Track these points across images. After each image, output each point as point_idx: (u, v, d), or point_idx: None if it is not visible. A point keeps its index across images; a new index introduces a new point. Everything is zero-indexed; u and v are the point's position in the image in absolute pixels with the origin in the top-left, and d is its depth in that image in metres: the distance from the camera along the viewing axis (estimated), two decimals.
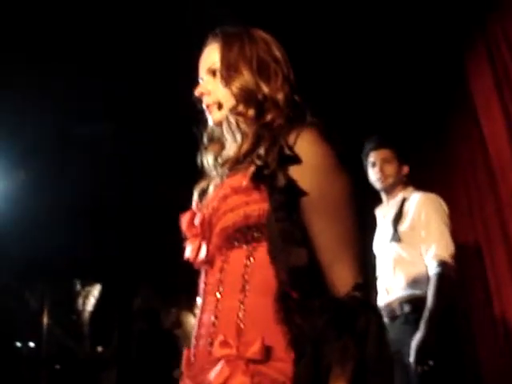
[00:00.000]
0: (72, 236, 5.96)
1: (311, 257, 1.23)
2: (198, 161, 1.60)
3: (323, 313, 1.16)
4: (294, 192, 1.26)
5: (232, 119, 1.46)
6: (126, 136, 5.21)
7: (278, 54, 1.53)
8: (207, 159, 1.57)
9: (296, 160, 1.28)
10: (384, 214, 3.37)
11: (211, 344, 1.27)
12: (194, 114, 1.61)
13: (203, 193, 1.55)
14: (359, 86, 4.44)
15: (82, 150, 5.32)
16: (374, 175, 3.35)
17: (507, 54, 3.51)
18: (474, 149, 4.08)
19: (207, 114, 1.55)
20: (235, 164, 1.41)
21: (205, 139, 1.60)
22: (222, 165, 1.45)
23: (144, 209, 6.01)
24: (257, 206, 1.30)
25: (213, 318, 1.30)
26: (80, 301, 7.28)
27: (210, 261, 1.38)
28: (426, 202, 3.17)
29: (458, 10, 3.91)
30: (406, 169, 3.35)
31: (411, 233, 3.13)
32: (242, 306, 1.26)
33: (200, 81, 1.58)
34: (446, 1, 3.88)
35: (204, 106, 1.55)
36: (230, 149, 1.46)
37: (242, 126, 1.44)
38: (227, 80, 1.48)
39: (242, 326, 1.25)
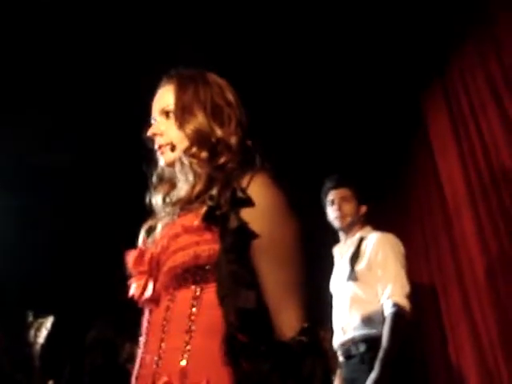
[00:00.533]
0: (26, 266, 5.86)
1: (259, 300, 1.23)
2: (147, 200, 1.60)
3: (269, 357, 1.15)
4: (245, 234, 1.27)
5: (185, 160, 1.46)
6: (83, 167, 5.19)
7: (231, 98, 1.55)
8: (156, 199, 1.57)
9: (248, 203, 1.29)
10: (341, 252, 3.39)
11: None
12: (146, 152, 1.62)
13: (150, 231, 1.54)
14: (321, 127, 4.49)
15: (38, 178, 5.27)
16: (332, 214, 3.38)
17: (464, 98, 3.59)
18: (431, 190, 4.15)
19: (159, 154, 1.55)
20: (186, 204, 1.41)
21: (154, 179, 1.60)
22: (174, 204, 1.45)
23: (102, 240, 5.95)
24: (207, 246, 1.30)
25: (156, 358, 1.28)
26: (32, 332, 7.08)
27: (155, 299, 1.36)
28: (384, 241, 3.20)
29: (417, 52, 4.00)
30: (364, 208, 3.38)
31: (368, 272, 3.15)
32: (187, 347, 1.24)
33: (152, 121, 1.59)
34: (405, 43, 3.96)
35: (156, 147, 1.56)
36: (182, 189, 1.46)
37: (195, 167, 1.44)
38: (181, 122, 1.49)
39: (186, 367, 1.22)
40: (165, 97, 1.56)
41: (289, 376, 1.13)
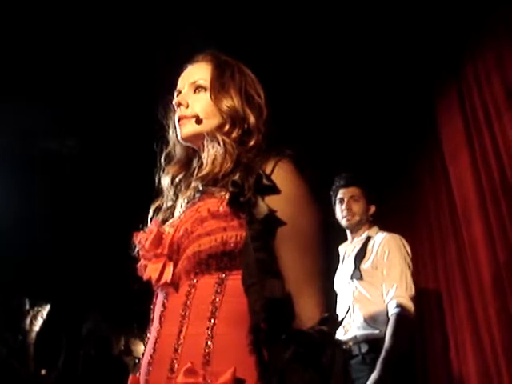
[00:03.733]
0: (24, 254, 5.84)
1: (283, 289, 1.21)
2: (156, 179, 1.60)
3: (290, 345, 1.13)
4: (273, 222, 1.24)
5: (219, 136, 1.44)
6: (86, 155, 5.19)
7: (261, 92, 1.56)
8: (165, 180, 1.56)
9: (274, 190, 1.27)
10: (347, 251, 3.37)
11: (171, 370, 1.22)
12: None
13: (158, 211, 1.54)
14: (332, 126, 4.48)
15: (41, 166, 5.26)
16: (340, 212, 3.36)
17: (478, 100, 3.54)
18: (440, 194, 4.12)
19: (178, 125, 1.52)
20: (211, 182, 1.39)
21: (163, 158, 1.59)
22: (202, 180, 1.42)
23: (101, 230, 5.94)
24: (234, 232, 1.27)
25: (174, 343, 1.25)
26: (28, 320, 7.08)
27: (174, 284, 1.33)
28: (391, 242, 3.19)
29: (431, 53, 3.98)
30: (373, 208, 3.37)
31: (373, 271, 3.13)
32: (210, 334, 1.22)
33: (176, 93, 1.57)
34: (419, 44, 3.94)
35: (176, 117, 1.53)
36: (205, 167, 1.44)
37: (228, 145, 1.43)
38: (217, 96, 1.49)
39: (209, 353, 1.20)
40: (199, 72, 1.55)
41: (309, 365, 1.11)
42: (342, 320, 1.22)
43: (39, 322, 7.19)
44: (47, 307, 7.27)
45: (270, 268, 1.21)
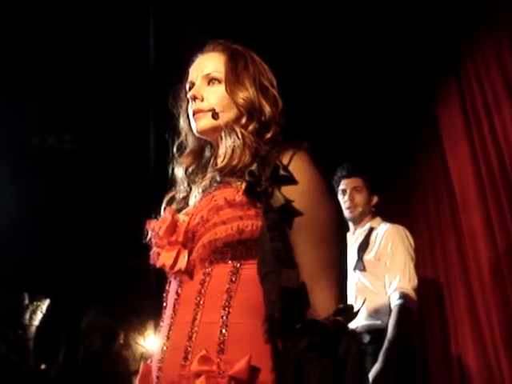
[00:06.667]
0: (23, 248, 5.83)
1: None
2: (170, 170, 1.61)
3: (305, 335, 1.13)
4: (290, 212, 1.25)
5: (238, 129, 1.45)
6: (84, 150, 5.19)
7: (274, 80, 1.56)
8: (178, 170, 1.57)
9: (291, 181, 1.27)
10: (350, 242, 3.35)
11: (185, 358, 1.23)
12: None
13: (171, 202, 1.55)
14: (330, 117, 4.47)
15: (37, 161, 5.25)
16: (343, 203, 3.35)
17: (477, 92, 3.56)
18: (440, 185, 4.13)
19: (194, 119, 1.52)
20: (228, 174, 1.40)
21: (175, 149, 1.60)
22: (220, 172, 1.42)
23: (100, 225, 5.93)
24: (250, 221, 1.28)
25: (189, 332, 1.26)
26: (27, 315, 7.08)
27: (188, 271, 1.33)
28: (394, 233, 3.19)
29: (430, 45, 3.99)
30: (375, 198, 3.36)
31: (376, 263, 3.14)
32: (224, 323, 1.23)
33: (188, 84, 1.57)
34: (418, 37, 3.95)
35: (191, 111, 1.53)
36: (223, 159, 1.44)
37: (246, 138, 1.43)
38: (232, 89, 1.48)
39: (224, 342, 1.21)
40: (212, 63, 1.54)
41: (325, 354, 1.11)
42: (358, 311, 1.22)
43: (39, 316, 7.19)
44: (47, 301, 7.27)
45: (286, 258, 1.21)
